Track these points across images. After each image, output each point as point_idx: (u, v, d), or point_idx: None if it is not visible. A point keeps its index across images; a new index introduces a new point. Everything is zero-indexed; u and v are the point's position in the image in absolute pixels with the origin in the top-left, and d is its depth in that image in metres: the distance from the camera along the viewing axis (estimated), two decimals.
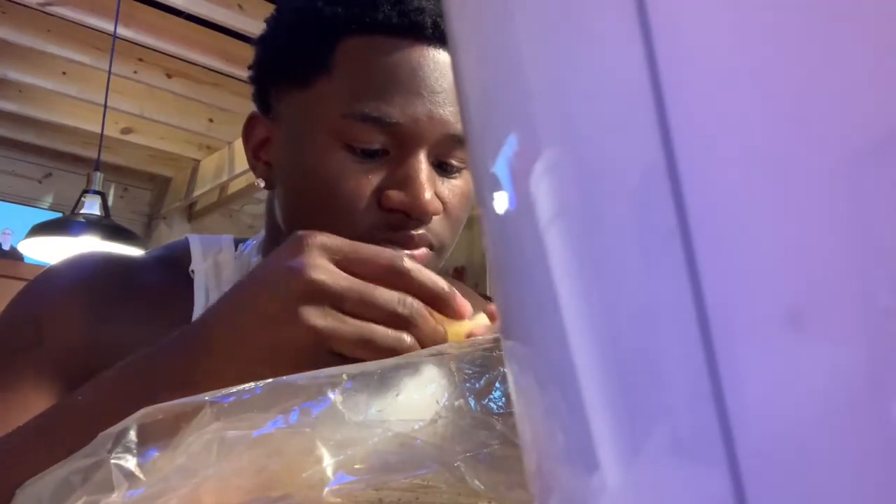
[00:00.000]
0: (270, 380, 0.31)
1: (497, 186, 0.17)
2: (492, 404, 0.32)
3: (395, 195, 0.51)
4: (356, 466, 0.28)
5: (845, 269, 0.11)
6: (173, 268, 0.61)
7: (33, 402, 0.49)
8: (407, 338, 0.37)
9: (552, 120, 0.15)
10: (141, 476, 0.27)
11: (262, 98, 0.59)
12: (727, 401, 0.12)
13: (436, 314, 0.39)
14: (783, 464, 0.11)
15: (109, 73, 2.51)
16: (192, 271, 0.60)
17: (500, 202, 0.17)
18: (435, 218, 0.53)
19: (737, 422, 0.12)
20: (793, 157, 0.12)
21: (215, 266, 0.61)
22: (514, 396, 0.18)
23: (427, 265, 0.53)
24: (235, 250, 0.63)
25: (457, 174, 0.56)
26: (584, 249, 0.14)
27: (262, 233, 0.66)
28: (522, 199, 0.16)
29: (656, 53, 0.13)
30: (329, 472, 0.28)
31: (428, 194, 0.51)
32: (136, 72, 3.09)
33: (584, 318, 0.14)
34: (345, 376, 0.31)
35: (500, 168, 0.16)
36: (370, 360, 0.36)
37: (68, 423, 0.38)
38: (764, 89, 0.12)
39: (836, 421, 0.11)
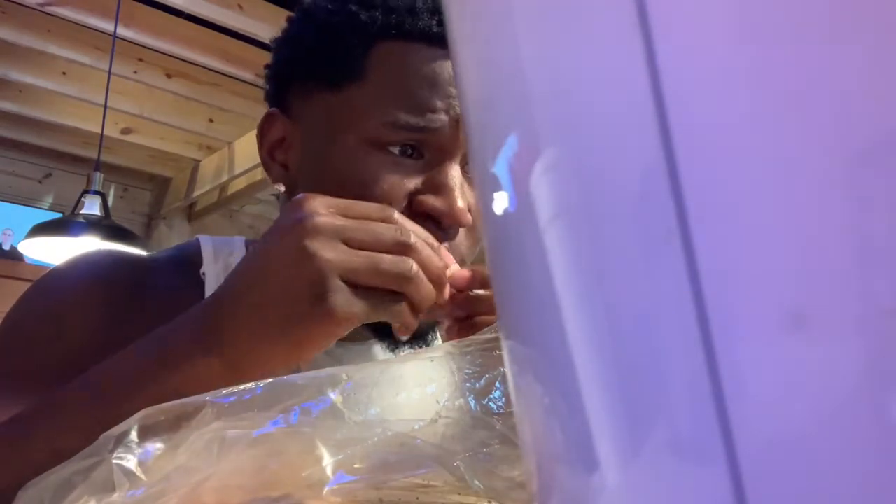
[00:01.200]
0: (270, 380, 0.31)
1: (497, 186, 0.17)
2: (492, 404, 0.32)
3: (429, 199, 0.51)
4: (356, 466, 0.28)
5: (845, 270, 0.11)
6: (184, 270, 0.60)
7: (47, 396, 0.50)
8: (413, 264, 0.39)
9: (552, 120, 0.15)
10: (142, 476, 0.27)
11: (280, 98, 0.58)
12: (727, 401, 0.12)
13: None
14: (783, 464, 0.11)
15: (109, 73, 2.51)
16: (204, 273, 0.59)
17: (500, 202, 0.17)
18: (462, 230, 0.53)
19: (737, 422, 0.12)
20: (793, 157, 0.12)
21: (226, 269, 0.60)
22: (513, 396, 0.18)
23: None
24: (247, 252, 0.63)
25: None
26: (584, 249, 0.14)
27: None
28: (522, 200, 0.16)
29: (656, 53, 0.13)
30: (329, 471, 0.28)
31: (462, 203, 0.51)
32: (136, 72, 3.09)
33: (583, 319, 0.14)
34: (345, 376, 0.32)
35: (500, 168, 0.16)
36: (382, 286, 0.38)
37: (88, 398, 0.40)
38: (764, 89, 0.12)
39: (836, 421, 0.11)
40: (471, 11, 0.17)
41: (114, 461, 0.28)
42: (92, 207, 2.29)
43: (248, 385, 0.31)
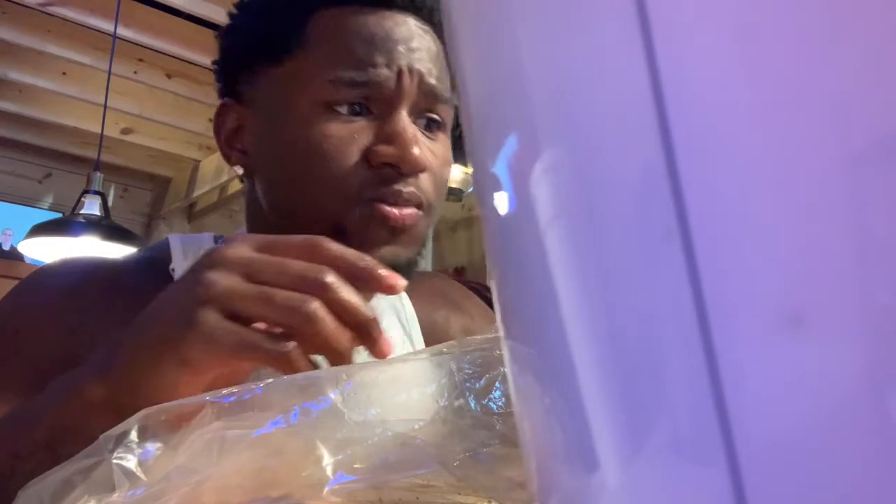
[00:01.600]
0: (270, 380, 0.31)
1: (497, 186, 0.17)
2: (492, 404, 0.32)
3: (384, 149, 0.52)
4: (356, 466, 0.28)
5: (845, 269, 0.11)
6: (154, 268, 0.61)
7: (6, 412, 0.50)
8: (312, 301, 0.34)
9: (552, 120, 0.15)
10: (142, 476, 0.27)
11: (231, 87, 0.60)
12: (727, 401, 0.12)
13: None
14: (783, 463, 0.11)
15: (109, 73, 2.52)
16: (173, 269, 0.60)
17: (500, 202, 0.17)
18: (422, 176, 0.55)
19: (737, 422, 0.12)
20: (793, 156, 0.12)
21: None
22: (513, 396, 0.18)
23: (416, 225, 0.55)
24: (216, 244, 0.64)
25: (435, 134, 0.57)
26: (584, 249, 0.14)
27: (243, 228, 0.66)
28: (522, 200, 0.16)
29: (656, 53, 0.13)
30: (329, 471, 0.28)
31: (417, 149, 0.52)
32: (136, 72, 3.09)
33: (583, 319, 0.14)
34: (345, 376, 0.32)
35: (500, 168, 0.16)
36: (274, 320, 0.34)
37: (12, 417, 0.39)
38: (764, 89, 0.12)
39: (836, 421, 0.11)
40: (471, 11, 0.17)
41: (114, 461, 0.28)
42: (92, 207, 2.29)
43: (248, 385, 0.31)
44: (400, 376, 0.33)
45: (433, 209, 0.57)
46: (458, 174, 3.70)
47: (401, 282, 0.37)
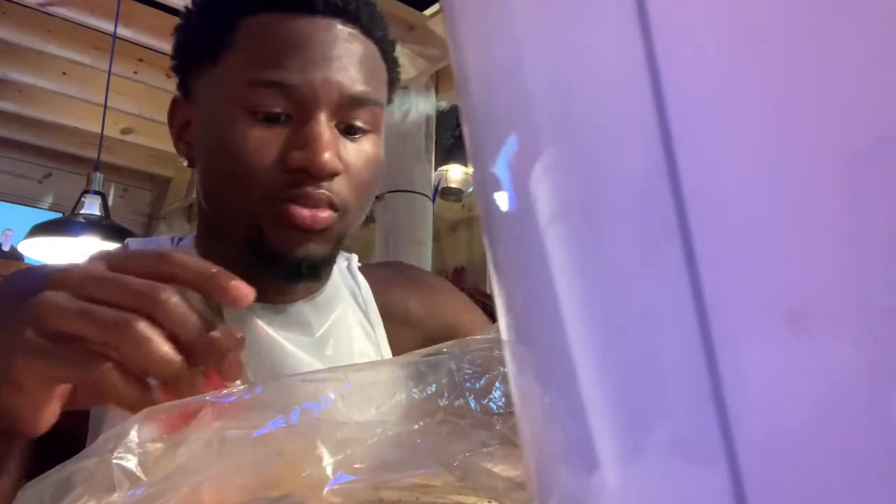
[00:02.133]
0: (270, 380, 0.31)
1: (497, 186, 0.17)
2: (492, 404, 0.32)
3: (295, 155, 0.54)
4: (356, 466, 0.28)
5: (845, 269, 0.11)
6: None
7: None
8: (133, 319, 0.32)
9: (552, 120, 0.15)
10: (142, 476, 0.27)
11: (183, 83, 0.62)
12: (727, 401, 0.12)
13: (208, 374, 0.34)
14: (783, 464, 0.11)
15: (109, 73, 2.52)
16: None
17: (500, 202, 0.17)
18: (338, 179, 0.56)
19: (737, 422, 0.12)
20: (793, 156, 0.12)
21: None
22: (513, 396, 0.18)
23: (331, 227, 0.57)
24: (173, 245, 0.66)
25: (360, 136, 0.58)
26: (583, 249, 0.14)
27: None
28: (522, 199, 0.16)
29: (656, 53, 0.13)
30: (329, 471, 0.28)
31: (327, 154, 0.54)
32: (136, 72, 3.09)
33: (583, 318, 0.14)
34: (345, 376, 0.32)
35: (500, 168, 0.16)
36: (96, 339, 0.32)
37: None
38: (764, 89, 0.12)
39: (836, 421, 0.11)
40: (471, 11, 0.17)
41: (114, 461, 0.28)
42: (92, 207, 2.29)
43: (248, 385, 0.31)
44: (400, 376, 0.33)
45: (350, 210, 0.58)
46: (458, 174, 3.70)
47: (248, 293, 0.35)
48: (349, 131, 0.58)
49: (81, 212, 2.28)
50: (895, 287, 0.11)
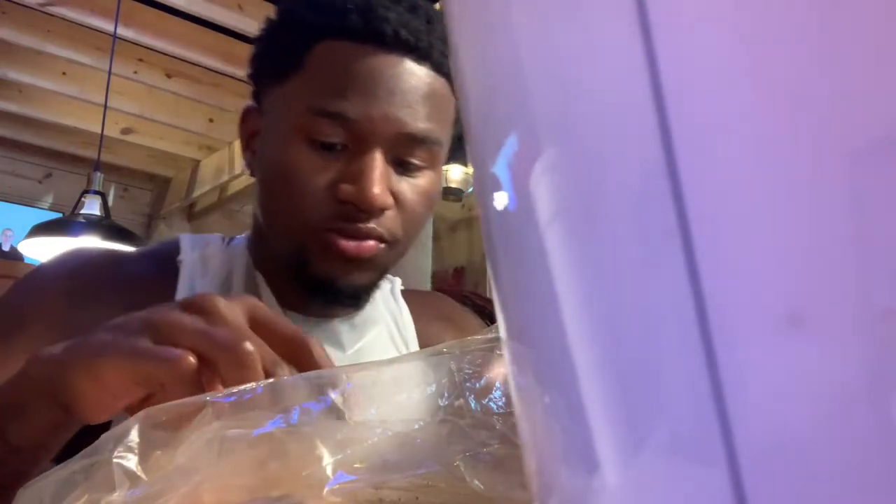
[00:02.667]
0: (271, 380, 0.31)
1: (497, 186, 0.17)
2: (492, 404, 0.32)
3: (346, 188, 0.55)
4: (356, 465, 0.28)
5: (845, 270, 0.11)
6: (161, 260, 0.64)
7: None
8: (248, 343, 0.33)
9: (552, 120, 0.15)
10: (142, 475, 0.27)
11: (256, 93, 0.63)
12: (727, 401, 0.12)
13: None
14: (783, 463, 0.11)
15: (109, 73, 2.52)
16: (180, 261, 0.63)
17: (500, 202, 0.17)
18: (388, 213, 0.57)
19: (737, 422, 0.12)
20: (793, 156, 0.12)
21: (203, 258, 0.64)
22: (513, 396, 0.18)
23: (377, 257, 0.57)
24: (224, 244, 0.67)
25: (417, 173, 0.59)
26: (583, 249, 0.14)
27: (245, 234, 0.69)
28: (522, 199, 0.16)
29: (656, 53, 0.13)
30: (329, 471, 0.28)
31: (377, 189, 0.54)
32: (136, 72, 3.09)
33: (583, 319, 0.14)
34: (345, 376, 0.32)
35: (500, 168, 0.16)
36: (205, 350, 0.33)
37: None
38: (764, 89, 0.12)
39: (836, 421, 0.11)
40: (471, 11, 0.17)
41: (114, 460, 0.28)
42: (92, 207, 2.29)
43: (248, 385, 0.31)
44: (400, 376, 0.33)
45: (399, 242, 0.59)
46: (458, 174, 3.70)
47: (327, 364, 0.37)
48: (404, 166, 0.58)
49: (81, 212, 2.28)
50: (895, 287, 0.11)
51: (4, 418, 0.37)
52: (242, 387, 0.31)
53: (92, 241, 2.13)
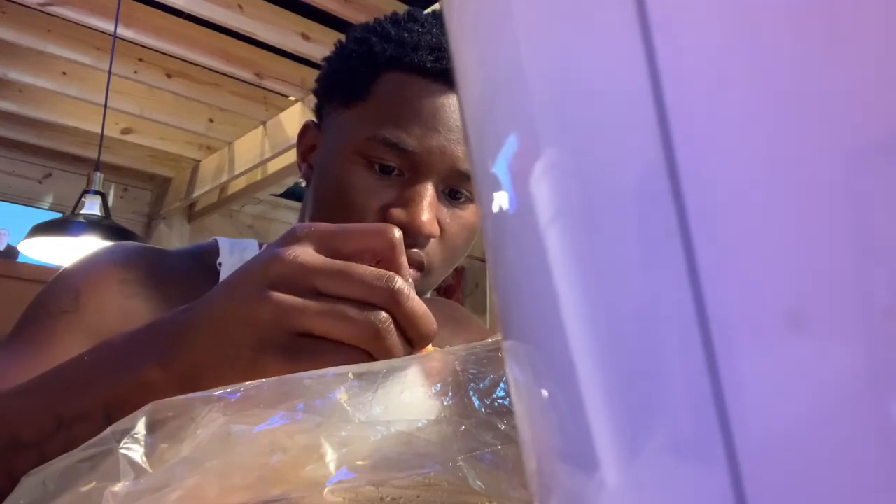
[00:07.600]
0: (276, 377, 0.31)
1: (497, 186, 0.17)
2: (496, 404, 0.33)
3: (397, 212, 0.58)
4: (358, 463, 0.28)
5: (845, 269, 0.11)
6: (202, 261, 0.68)
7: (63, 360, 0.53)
8: (382, 315, 0.34)
9: (552, 120, 0.15)
10: (147, 467, 0.28)
11: (317, 110, 0.68)
12: (727, 401, 0.12)
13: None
14: (783, 464, 0.11)
15: (109, 73, 2.51)
16: (220, 264, 0.67)
17: (500, 202, 0.17)
18: (432, 241, 0.60)
19: (737, 422, 0.12)
20: (793, 156, 0.12)
21: (241, 262, 0.67)
22: (513, 396, 0.18)
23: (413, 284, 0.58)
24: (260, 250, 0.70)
25: (464, 202, 0.62)
26: (583, 249, 0.14)
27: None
28: (522, 199, 0.16)
29: (656, 53, 0.13)
30: (331, 468, 0.28)
31: (426, 216, 0.57)
32: (136, 72, 3.09)
33: (583, 318, 0.14)
34: (351, 375, 0.32)
35: (500, 168, 0.16)
36: (341, 336, 0.34)
37: (59, 379, 0.40)
38: (764, 89, 0.12)
39: (837, 421, 0.11)
40: (471, 11, 0.17)
41: (120, 451, 0.28)
42: (92, 207, 2.29)
43: (254, 382, 0.31)
44: (405, 375, 0.33)
45: (435, 272, 0.62)
46: None
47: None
48: (453, 196, 0.61)
49: (81, 212, 2.28)
50: (895, 287, 0.11)
51: (112, 409, 0.36)
52: (248, 383, 0.31)
53: (92, 242, 2.13)
